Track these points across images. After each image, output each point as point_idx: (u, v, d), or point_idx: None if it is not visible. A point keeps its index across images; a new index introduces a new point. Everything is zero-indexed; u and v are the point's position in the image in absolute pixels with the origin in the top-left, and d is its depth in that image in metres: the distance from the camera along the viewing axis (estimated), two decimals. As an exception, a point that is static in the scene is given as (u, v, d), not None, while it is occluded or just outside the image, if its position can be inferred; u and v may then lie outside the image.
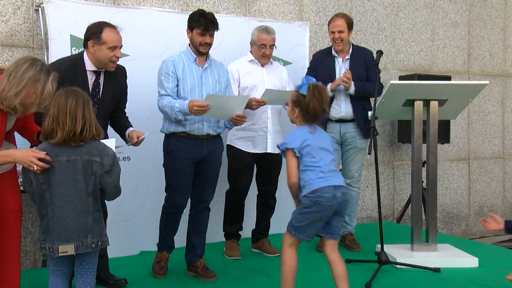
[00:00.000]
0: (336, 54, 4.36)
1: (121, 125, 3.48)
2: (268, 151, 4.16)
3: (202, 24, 3.55)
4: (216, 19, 3.62)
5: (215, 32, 3.64)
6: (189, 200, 3.77)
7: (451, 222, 6.48)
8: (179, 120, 3.51)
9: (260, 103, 3.88)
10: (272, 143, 4.14)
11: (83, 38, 3.32)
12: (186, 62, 3.64)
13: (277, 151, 3.98)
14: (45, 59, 3.96)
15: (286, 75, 4.36)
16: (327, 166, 2.91)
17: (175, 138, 3.61)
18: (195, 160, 3.63)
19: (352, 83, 4.16)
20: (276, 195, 4.35)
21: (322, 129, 3.05)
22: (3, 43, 4.03)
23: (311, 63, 4.50)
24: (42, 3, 3.96)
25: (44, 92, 2.63)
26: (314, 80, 2.99)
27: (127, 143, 3.42)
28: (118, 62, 3.35)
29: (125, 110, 3.60)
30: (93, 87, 3.30)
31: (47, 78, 2.63)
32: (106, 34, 3.21)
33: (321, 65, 4.37)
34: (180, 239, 3.85)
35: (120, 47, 3.30)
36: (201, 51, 3.63)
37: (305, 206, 2.87)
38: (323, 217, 2.89)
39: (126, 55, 4.12)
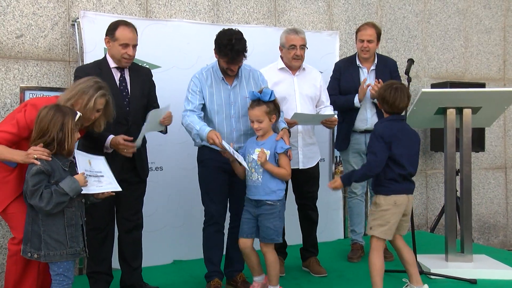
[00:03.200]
0: (360, 64, 4.31)
1: None
2: (299, 167, 3.90)
3: (228, 55, 3.39)
4: (244, 47, 3.41)
5: (244, 59, 3.48)
6: (229, 214, 3.74)
7: (488, 232, 6.31)
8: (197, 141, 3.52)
9: (291, 124, 3.73)
10: (304, 158, 3.93)
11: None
12: (214, 80, 3.55)
13: (309, 166, 3.98)
14: (81, 72, 4.09)
15: (321, 82, 4.08)
16: None
17: (207, 148, 3.60)
18: (227, 169, 3.58)
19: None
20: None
21: None
22: (42, 57, 4.18)
23: (334, 72, 4.42)
24: (78, 18, 4.10)
25: (87, 105, 2.87)
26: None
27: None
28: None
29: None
30: (120, 82, 3.41)
31: (93, 93, 2.88)
32: (119, 32, 3.33)
33: (344, 75, 4.33)
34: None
35: (134, 46, 3.36)
36: (228, 74, 3.53)
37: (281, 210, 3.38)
38: None
39: (158, 67, 4.23)
